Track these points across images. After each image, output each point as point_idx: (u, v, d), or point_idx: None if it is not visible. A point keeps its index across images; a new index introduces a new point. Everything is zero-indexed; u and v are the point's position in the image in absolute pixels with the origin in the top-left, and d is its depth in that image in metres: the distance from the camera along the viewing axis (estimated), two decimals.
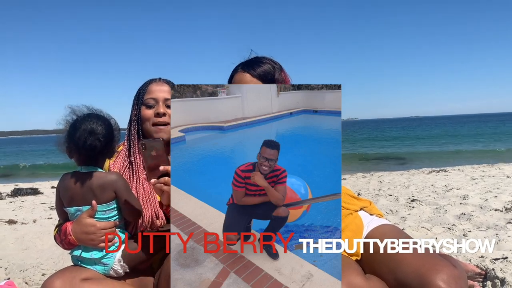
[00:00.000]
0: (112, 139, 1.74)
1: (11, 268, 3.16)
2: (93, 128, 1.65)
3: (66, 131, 1.69)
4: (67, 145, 1.69)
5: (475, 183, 6.52)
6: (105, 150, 1.72)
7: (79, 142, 1.63)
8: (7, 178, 16.30)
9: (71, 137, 1.66)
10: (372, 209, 2.07)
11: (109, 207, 1.72)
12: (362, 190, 6.66)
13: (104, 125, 1.70)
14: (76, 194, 1.69)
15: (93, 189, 1.68)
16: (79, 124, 1.65)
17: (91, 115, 1.72)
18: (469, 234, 3.36)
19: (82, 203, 1.69)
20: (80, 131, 1.63)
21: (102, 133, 1.67)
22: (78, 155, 1.70)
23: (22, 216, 5.73)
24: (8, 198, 7.96)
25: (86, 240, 1.68)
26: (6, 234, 4.52)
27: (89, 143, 1.63)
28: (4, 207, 6.76)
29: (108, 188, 1.70)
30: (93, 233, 1.67)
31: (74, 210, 1.71)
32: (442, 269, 1.54)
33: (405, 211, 4.54)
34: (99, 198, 1.69)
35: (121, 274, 1.76)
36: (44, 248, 3.81)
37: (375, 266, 1.76)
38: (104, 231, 1.69)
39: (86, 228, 1.67)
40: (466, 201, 4.77)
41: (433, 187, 6.32)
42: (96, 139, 1.64)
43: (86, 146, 1.63)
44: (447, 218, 3.95)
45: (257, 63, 1.97)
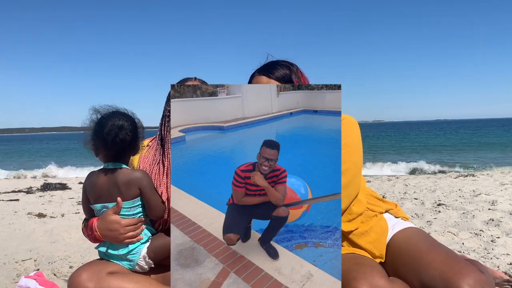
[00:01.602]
0: (137, 136, 1.78)
1: (40, 260, 3.26)
2: (122, 123, 1.70)
3: (92, 129, 1.73)
4: (94, 142, 1.73)
5: (504, 188, 6.34)
6: (131, 146, 1.77)
7: (108, 137, 1.67)
8: (37, 173, 16.76)
9: (98, 134, 1.70)
10: (397, 212, 2.04)
11: (134, 204, 1.75)
12: (387, 193, 6.57)
13: (130, 121, 1.75)
14: (102, 191, 1.73)
15: (119, 186, 1.72)
16: (106, 121, 1.69)
17: (116, 112, 1.76)
18: (497, 241, 3.27)
19: (108, 199, 1.73)
20: (109, 127, 1.67)
21: (130, 129, 1.72)
22: (106, 151, 1.73)
23: (51, 210, 5.90)
24: (38, 193, 8.21)
25: (111, 237, 1.71)
26: (36, 227, 4.66)
27: (120, 137, 1.68)
28: (34, 201, 6.97)
29: (133, 185, 1.73)
30: (117, 230, 1.70)
31: (100, 207, 1.75)
32: (469, 273, 1.51)
33: (431, 215, 4.45)
34: (124, 195, 1.72)
35: (146, 270, 1.79)
36: (71, 241, 3.91)
37: (400, 269, 1.74)
38: (129, 228, 1.72)
39: (111, 225, 1.70)
40: (495, 207, 4.65)
41: (461, 191, 6.18)
42: (126, 133, 1.69)
43: (117, 140, 1.67)
44: (475, 224, 3.86)
45: (274, 66, 1.97)
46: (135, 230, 1.74)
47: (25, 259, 3.29)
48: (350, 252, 1.81)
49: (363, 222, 1.89)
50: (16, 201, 6.92)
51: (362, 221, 1.89)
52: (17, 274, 2.91)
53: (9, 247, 3.72)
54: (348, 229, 1.83)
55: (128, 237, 1.72)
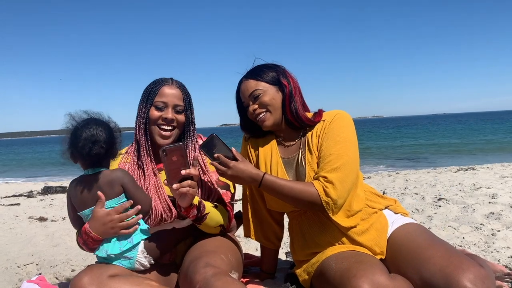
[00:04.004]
0: (113, 142, 1.79)
1: (42, 264, 3.26)
2: (95, 135, 1.70)
3: (68, 138, 1.75)
4: (70, 152, 1.75)
5: (504, 181, 6.34)
6: (108, 153, 1.78)
7: (83, 151, 1.69)
8: (37, 176, 16.76)
9: (73, 145, 1.71)
10: (397, 208, 2.05)
11: (120, 201, 1.78)
12: (388, 188, 6.57)
13: (105, 130, 1.75)
14: (86, 196, 1.75)
15: (101, 187, 1.74)
16: (80, 132, 1.70)
17: (90, 121, 1.76)
18: (497, 234, 3.28)
19: (93, 203, 1.75)
20: (82, 140, 1.68)
21: (104, 139, 1.72)
22: (83, 161, 1.76)
23: (52, 214, 5.90)
24: (39, 196, 8.20)
25: (107, 230, 1.73)
26: (37, 231, 4.66)
27: (94, 152, 1.69)
28: (35, 205, 6.97)
29: (116, 183, 1.76)
30: (112, 221, 1.72)
31: (88, 211, 1.76)
32: (469, 268, 1.52)
33: (431, 210, 4.46)
34: (108, 194, 1.75)
35: (147, 267, 1.80)
36: (73, 244, 3.91)
37: (400, 265, 1.74)
38: (120, 216, 1.74)
39: (102, 219, 1.72)
40: (495, 200, 4.65)
41: (461, 185, 6.18)
42: (100, 147, 1.71)
43: (91, 154, 1.69)
44: (475, 218, 3.86)
45: (260, 69, 2.01)
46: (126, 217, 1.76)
47: (27, 264, 3.29)
48: (351, 249, 1.82)
49: (363, 220, 1.90)
50: (17, 205, 6.92)
51: (362, 218, 1.89)
52: (19, 279, 2.92)
53: (11, 251, 3.72)
54: (347, 224, 1.84)
55: (123, 226, 1.75)
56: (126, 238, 1.77)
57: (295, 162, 1.97)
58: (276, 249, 2.28)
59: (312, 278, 1.86)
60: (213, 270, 1.57)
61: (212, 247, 1.83)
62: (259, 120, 1.96)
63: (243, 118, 2.09)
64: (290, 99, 1.95)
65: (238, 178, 1.82)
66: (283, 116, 1.98)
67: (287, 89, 1.95)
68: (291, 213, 2.06)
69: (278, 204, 1.99)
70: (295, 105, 1.95)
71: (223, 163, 1.79)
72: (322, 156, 1.86)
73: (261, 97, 1.93)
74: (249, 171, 1.81)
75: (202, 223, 1.85)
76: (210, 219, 1.87)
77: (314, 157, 1.91)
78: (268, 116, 1.95)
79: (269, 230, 2.18)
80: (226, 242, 1.96)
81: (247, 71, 2.04)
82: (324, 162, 1.83)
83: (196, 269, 1.59)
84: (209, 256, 1.69)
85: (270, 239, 2.20)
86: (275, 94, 1.95)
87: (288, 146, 2.03)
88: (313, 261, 1.88)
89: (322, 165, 1.84)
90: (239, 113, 2.10)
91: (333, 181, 1.76)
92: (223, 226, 1.96)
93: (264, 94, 1.93)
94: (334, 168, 1.79)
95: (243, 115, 2.07)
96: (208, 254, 1.72)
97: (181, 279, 1.70)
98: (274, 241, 2.22)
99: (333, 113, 1.97)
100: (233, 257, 1.86)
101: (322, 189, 1.76)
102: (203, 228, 1.90)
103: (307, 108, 2.06)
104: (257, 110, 1.95)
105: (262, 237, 2.19)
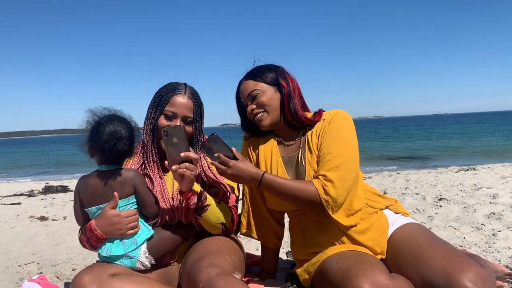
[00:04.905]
0: (134, 141, 1.80)
1: (43, 263, 3.26)
2: (121, 133, 1.70)
3: (88, 132, 1.74)
4: (90, 146, 1.74)
5: (505, 181, 6.33)
6: (128, 152, 1.79)
7: (105, 145, 1.68)
8: (38, 176, 16.78)
9: (95, 139, 1.70)
10: (397, 208, 2.05)
11: (129, 202, 1.78)
12: (388, 188, 6.57)
13: (128, 128, 1.75)
14: (97, 193, 1.75)
15: (114, 186, 1.74)
16: (104, 128, 1.69)
17: (114, 117, 1.76)
18: (498, 234, 3.28)
19: (102, 201, 1.75)
20: (107, 135, 1.68)
21: (127, 137, 1.72)
22: (102, 156, 1.75)
23: (53, 213, 5.90)
24: (40, 195, 8.22)
25: (114, 231, 1.73)
26: (38, 230, 4.67)
27: (119, 148, 1.69)
28: (36, 204, 6.97)
29: (128, 183, 1.76)
30: (119, 223, 1.73)
31: (96, 209, 1.76)
32: (470, 268, 1.52)
33: (432, 210, 4.46)
34: (119, 193, 1.74)
35: (148, 267, 1.81)
36: (74, 244, 3.91)
37: (401, 265, 1.74)
38: (130, 219, 1.75)
39: (111, 219, 1.72)
40: (496, 200, 4.64)
41: (462, 185, 6.18)
42: (124, 144, 1.71)
43: (115, 150, 1.69)
44: (476, 218, 3.85)
45: (259, 70, 2.02)
46: (135, 221, 1.77)
47: (28, 263, 3.29)
48: (351, 249, 1.82)
49: (364, 219, 1.90)
50: (18, 205, 6.92)
51: (362, 217, 1.89)
52: (20, 278, 2.92)
53: (12, 250, 3.73)
54: (348, 223, 1.84)
55: (129, 228, 1.75)
56: (129, 239, 1.77)
57: (295, 161, 1.97)
58: (276, 249, 2.28)
59: (313, 277, 1.86)
60: (216, 270, 1.57)
61: (216, 247, 1.83)
62: (257, 120, 1.97)
63: (243, 118, 2.09)
64: (289, 99, 1.95)
65: (238, 177, 1.82)
66: (281, 116, 1.98)
67: (285, 90, 1.95)
68: (292, 213, 2.06)
69: (278, 203, 1.99)
70: (294, 105, 1.95)
71: (223, 162, 1.79)
72: (321, 155, 1.87)
73: (259, 97, 1.93)
74: (249, 170, 1.81)
75: (202, 214, 1.86)
76: (212, 213, 1.87)
77: (314, 156, 1.91)
78: (266, 116, 1.95)
79: (270, 229, 2.19)
80: (229, 242, 1.96)
81: (247, 71, 2.05)
82: (323, 160, 1.84)
83: (200, 268, 1.59)
84: (212, 256, 1.69)
85: (270, 239, 2.20)
86: (274, 94, 1.96)
87: (288, 145, 2.04)
88: (313, 261, 1.89)
89: (321, 163, 1.84)
90: (239, 113, 2.11)
91: (332, 179, 1.76)
92: (225, 226, 1.95)
93: (262, 95, 1.94)
94: (333, 167, 1.79)
95: (243, 115, 2.07)
96: (212, 254, 1.72)
97: (183, 279, 1.70)
98: (275, 240, 2.22)
99: (333, 112, 1.98)
100: (236, 257, 1.86)
101: (322, 188, 1.76)
102: (204, 223, 1.90)
103: (307, 108, 2.06)
104: (255, 110, 1.96)
105: (262, 236, 2.20)
